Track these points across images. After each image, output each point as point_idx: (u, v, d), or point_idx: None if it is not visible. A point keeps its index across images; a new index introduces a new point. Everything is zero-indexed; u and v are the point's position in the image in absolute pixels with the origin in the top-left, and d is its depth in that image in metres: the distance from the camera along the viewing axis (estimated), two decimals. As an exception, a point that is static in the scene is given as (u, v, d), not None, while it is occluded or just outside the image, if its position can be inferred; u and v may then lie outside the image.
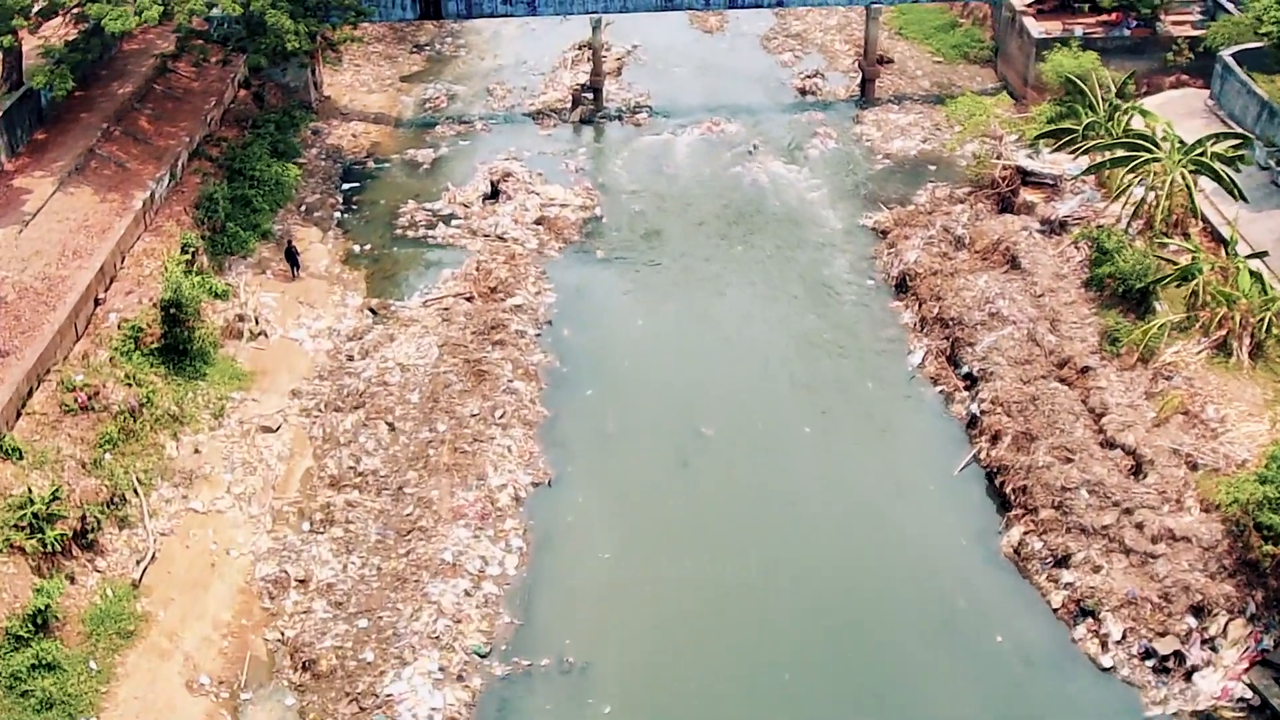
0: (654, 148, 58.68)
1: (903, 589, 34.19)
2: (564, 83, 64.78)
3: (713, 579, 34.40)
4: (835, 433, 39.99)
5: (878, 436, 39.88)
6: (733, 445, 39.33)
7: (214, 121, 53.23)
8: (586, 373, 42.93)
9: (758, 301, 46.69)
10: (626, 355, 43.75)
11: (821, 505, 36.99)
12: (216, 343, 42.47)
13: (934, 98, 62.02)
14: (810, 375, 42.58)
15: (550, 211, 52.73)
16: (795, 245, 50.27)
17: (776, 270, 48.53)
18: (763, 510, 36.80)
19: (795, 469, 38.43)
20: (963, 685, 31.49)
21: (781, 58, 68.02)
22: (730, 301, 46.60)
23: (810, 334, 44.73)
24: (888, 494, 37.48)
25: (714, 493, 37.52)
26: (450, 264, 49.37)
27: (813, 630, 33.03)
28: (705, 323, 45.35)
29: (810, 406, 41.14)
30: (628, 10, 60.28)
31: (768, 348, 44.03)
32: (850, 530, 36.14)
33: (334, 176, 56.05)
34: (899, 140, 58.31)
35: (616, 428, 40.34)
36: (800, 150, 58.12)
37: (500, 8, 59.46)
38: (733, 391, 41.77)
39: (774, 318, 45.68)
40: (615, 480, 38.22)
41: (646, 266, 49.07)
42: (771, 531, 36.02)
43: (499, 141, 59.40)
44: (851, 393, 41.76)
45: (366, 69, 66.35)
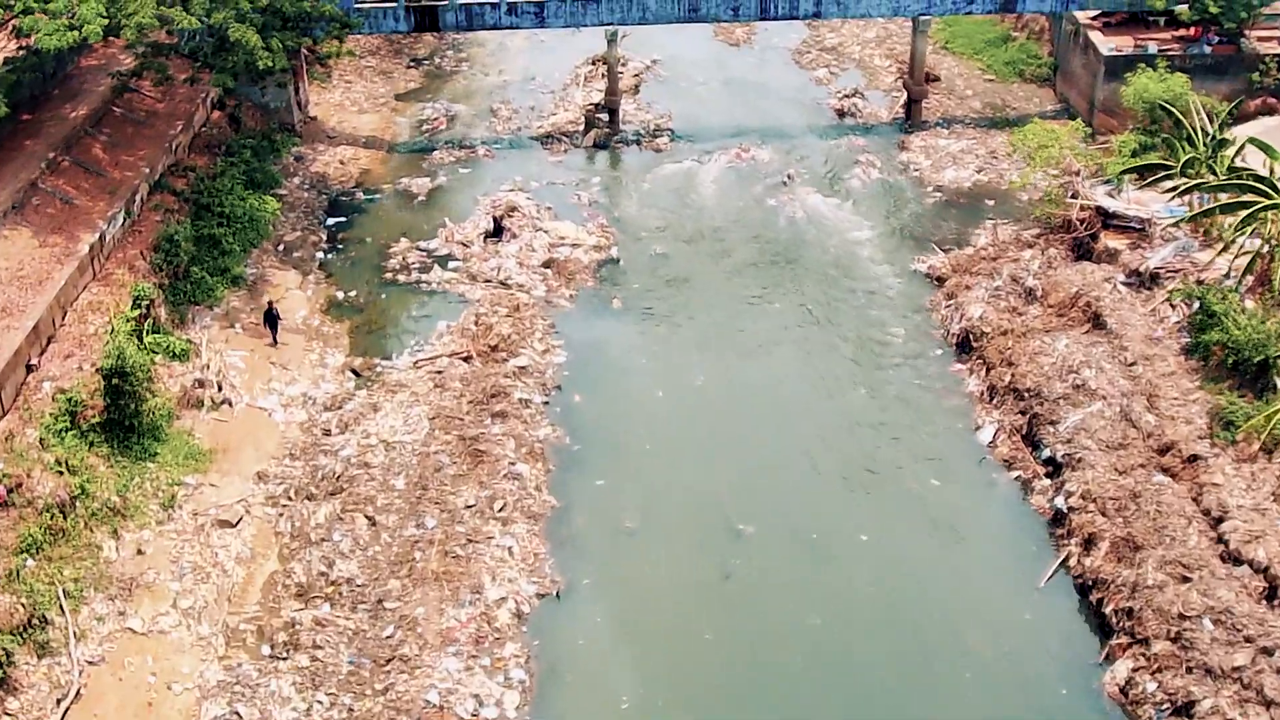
0: (677, 177, 52.49)
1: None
2: (576, 102, 58.63)
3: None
4: (896, 531, 33.75)
5: (946, 536, 33.62)
6: (775, 549, 33.10)
7: (180, 148, 47.14)
8: (601, 452, 36.77)
9: (798, 364, 40.46)
10: (647, 431, 37.54)
11: (885, 629, 30.74)
12: (172, 414, 36.39)
13: (987, 121, 55.78)
14: (863, 456, 36.35)
15: (560, 252, 46.57)
16: (839, 295, 44.03)
17: (819, 326, 42.30)
18: (815, 639, 30.55)
19: (852, 580, 32.20)
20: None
21: (815, 74, 61.78)
22: (767, 365, 40.36)
23: (861, 405, 38.50)
24: (962, 612, 31.22)
25: (756, 613, 31.24)
26: (446, 314, 43.24)
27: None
28: (738, 392, 39.11)
29: (865, 497, 34.93)
30: (647, 21, 54.09)
31: (812, 422, 37.81)
32: (921, 663, 29.88)
33: (317, 210, 49.94)
34: (951, 170, 52.07)
35: (637, 523, 34.15)
36: (840, 181, 51.90)
37: (505, 19, 53.31)
38: (773, 478, 35.58)
39: (818, 385, 39.44)
40: (637, 593, 32.03)
41: (670, 321, 42.86)
42: (827, 665, 29.81)
43: (503, 169, 53.27)
44: (912, 478, 35.53)
45: (358, 86, 60.26)
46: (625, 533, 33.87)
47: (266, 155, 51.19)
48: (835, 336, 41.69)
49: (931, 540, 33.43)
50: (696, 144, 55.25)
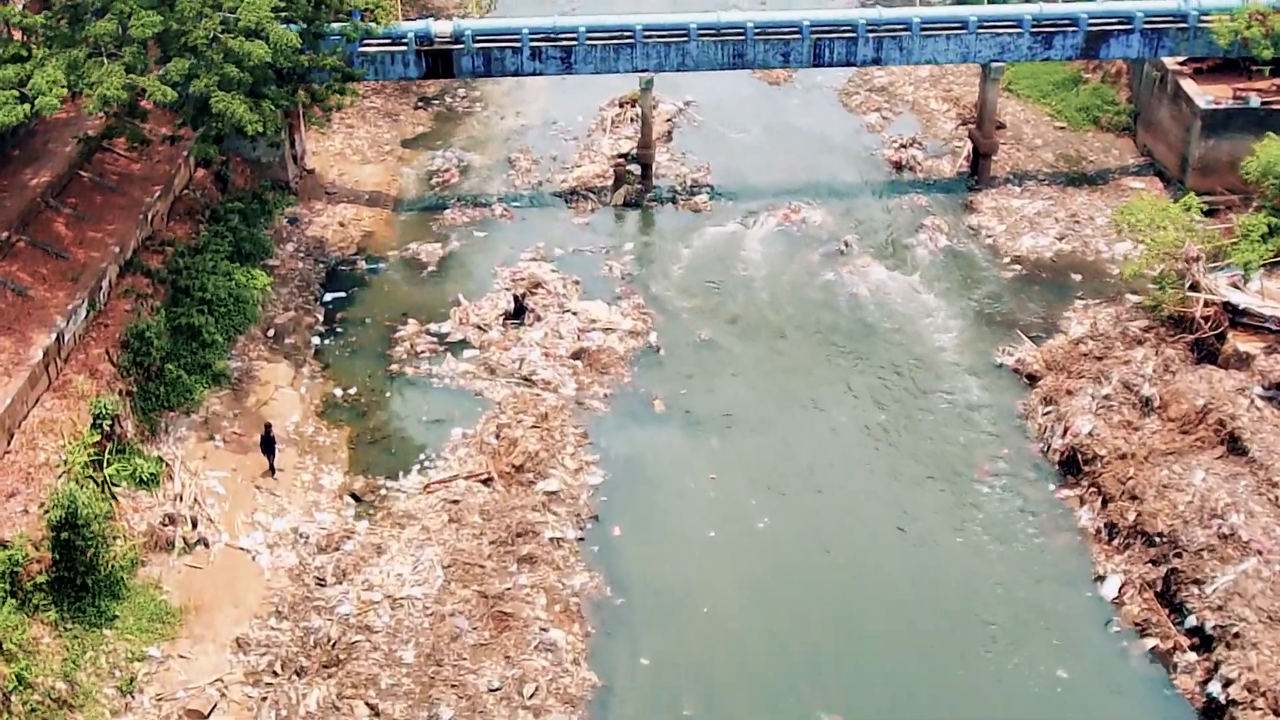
0: (719, 244, 46.50)
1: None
2: (603, 151, 52.60)
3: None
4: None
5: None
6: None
7: (158, 217, 41.15)
8: (649, 609, 30.83)
9: (873, 492, 34.46)
10: (701, 585, 31.55)
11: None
12: (136, 561, 30.50)
13: (1063, 177, 49.75)
14: (964, 619, 30.36)
15: (591, 339, 40.59)
16: (913, 396, 38.04)
17: (893, 438, 36.29)
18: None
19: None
20: None
21: (866, 119, 55.71)
22: (837, 496, 34.33)
23: (953, 549, 32.49)
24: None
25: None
26: (462, 418, 37.32)
27: None
28: (806, 537, 33.00)
29: (972, 675, 28.93)
30: (687, 68, 48.06)
31: (898, 575, 31.79)
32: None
33: (313, 283, 43.93)
34: (1029, 237, 46.05)
35: (698, 711, 28.14)
36: (904, 249, 45.91)
37: (527, 64, 47.29)
38: (858, 655, 29.56)
39: (898, 520, 33.42)
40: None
41: (721, 431, 36.88)
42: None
43: (523, 232, 47.29)
44: (1026, 644, 29.56)
45: (361, 131, 54.23)
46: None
47: (257, 219, 45.21)
48: (913, 453, 35.68)
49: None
50: (739, 202, 49.25)
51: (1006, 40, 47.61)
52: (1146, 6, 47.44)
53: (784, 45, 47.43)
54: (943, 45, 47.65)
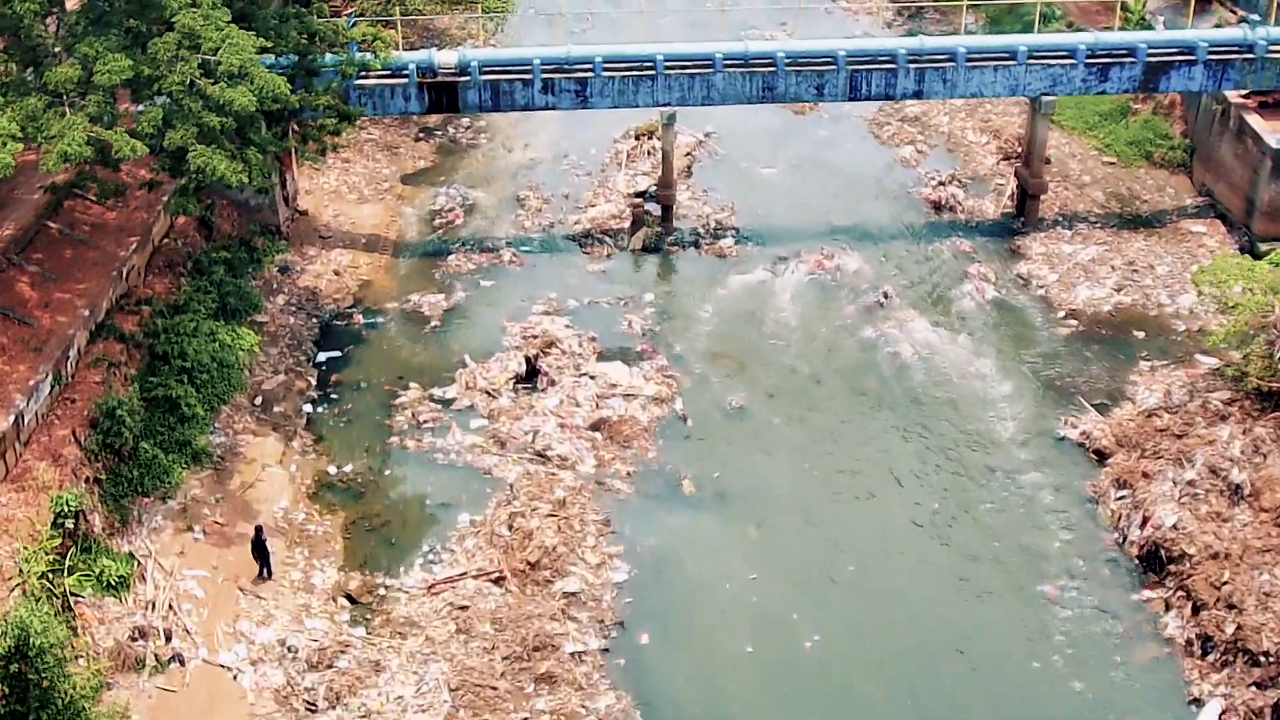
0: (747, 295, 42.78)
1: None
2: (618, 189, 48.89)
3: None
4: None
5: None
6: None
7: (134, 272, 37.45)
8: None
9: (932, 597, 30.70)
10: (742, 711, 27.76)
11: None
12: (100, 685, 26.73)
13: (1116, 219, 46.05)
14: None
15: (611, 407, 36.89)
16: (969, 476, 34.34)
17: (951, 531, 32.59)
18: None
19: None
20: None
21: (900, 152, 51.98)
22: (891, 602, 30.52)
23: (1024, 667, 28.75)
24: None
25: None
26: (470, 501, 33.66)
27: None
28: (855, 647, 29.25)
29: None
30: (712, 102, 44.34)
31: (961, 697, 28.03)
32: None
33: (306, 341, 40.19)
34: (1084, 287, 42.33)
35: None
36: (948, 301, 42.22)
37: (539, 98, 43.54)
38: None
39: (966, 633, 29.65)
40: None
41: (758, 519, 33.14)
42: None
43: (534, 281, 43.58)
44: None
45: (358, 166, 50.48)
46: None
47: (245, 269, 41.47)
48: (973, 550, 31.93)
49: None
50: (767, 247, 45.52)
51: (1058, 72, 43.91)
52: (1210, 36, 43.81)
53: (817, 77, 43.72)
54: (989, 77, 43.94)
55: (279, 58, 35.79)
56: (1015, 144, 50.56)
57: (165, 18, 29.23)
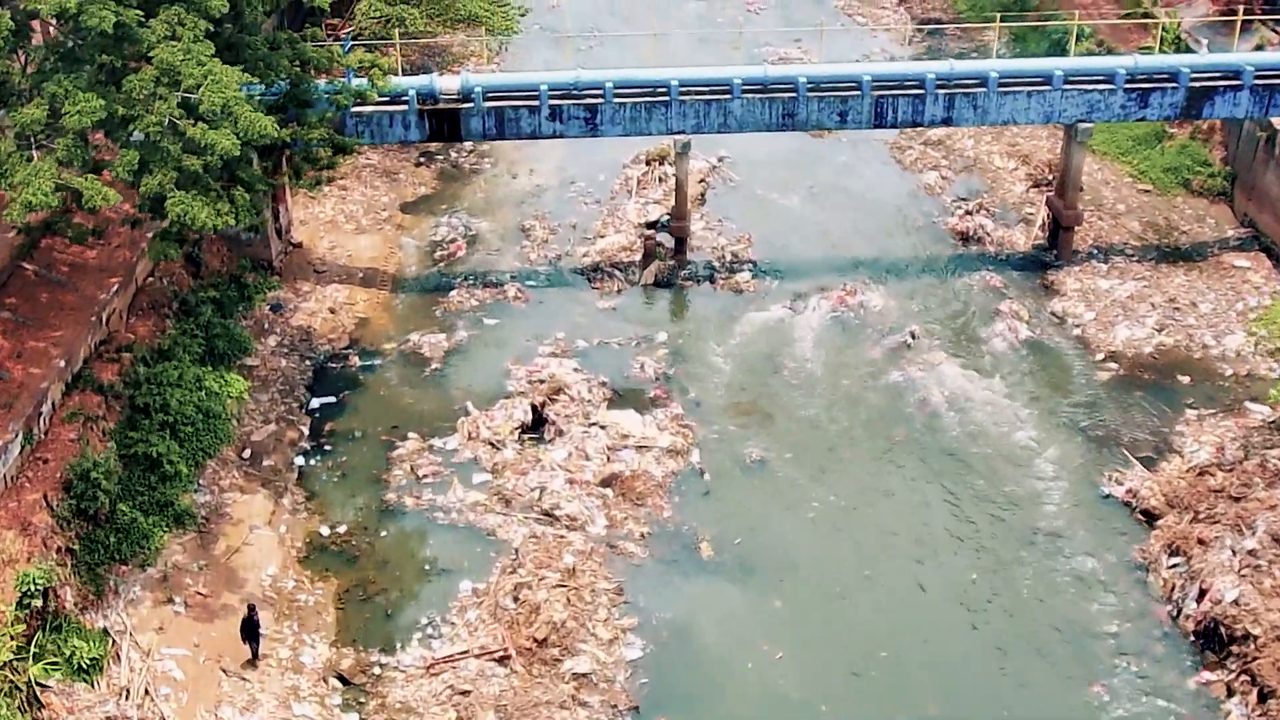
0: (766, 334, 40.42)
1: None
2: (629, 218, 46.55)
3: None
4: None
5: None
6: None
7: (116, 316, 35.14)
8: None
9: (976, 684, 28.29)
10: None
11: None
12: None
13: (1155, 251, 43.67)
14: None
15: (624, 459, 34.56)
16: (1011, 543, 31.95)
17: (991, 605, 30.20)
18: None
19: None
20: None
21: (923, 178, 49.61)
22: (930, 689, 28.09)
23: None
24: None
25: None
26: (472, 567, 31.38)
27: None
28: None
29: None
30: (729, 130, 42.05)
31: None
32: None
33: (298, 386, 37.86)
34: (1124, 327, 39.93)
35: None
36: (979, 342, 39.85)
37: (546, 125, 41.22)
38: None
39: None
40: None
41: (783, 589, 30.76)
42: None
43: (540, 318, 41.26)
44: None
45: (356, 193, 48.15)
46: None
47: (235, 308, 39.21)
48: (1016, 628, 29.53)
49: None
50: (786, 281, 43.17)
51: (1096, 98, 41.55)
52: (1257, 60, 41.48)
53: (840, 103, 41.38)
54: (1023, 103, 41.57)
55: (269, 88, 33.46)
56: (1045, 170, 48.25)
57: (142, 52, 26.89)
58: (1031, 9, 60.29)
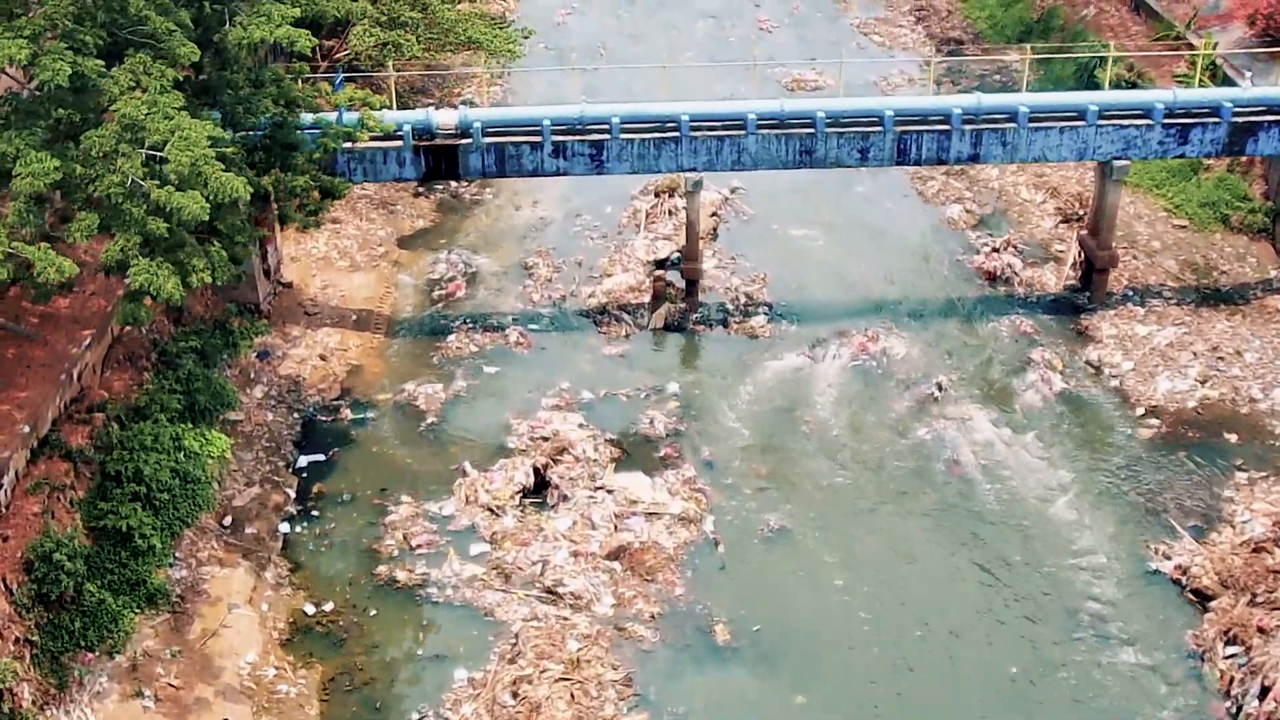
0: (783, 385, 38.03)
1: None
2: (637, 255, 44.15)
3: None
4: None
5: None
6: None
7: (89, 370, 32.76)
8: None
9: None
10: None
11: None
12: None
13: (1194, 294, 41.26)
14: None
15: (631, 528, 32.20)
16: (1050, 624, 29.56)
17: (1035, 701, 27.73)
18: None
19: None
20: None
21: (947, 211, 47.17)
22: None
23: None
24: None
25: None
26: (468, 652, 29.03)
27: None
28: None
29: None
30: (743, 167, 39.72)
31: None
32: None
33: (285, 442, 35.51)
34: (1165, 378, 37.49)
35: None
36: (1011, 394, 37.46)
37: (549, 162, 38.86)
38: None
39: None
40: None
41: (806, 675, 28.36)
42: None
43: (543, 366, 38.93)
44: None
45: (350, 227, 45.75)
46: None
47: (218, 357, 36.82)
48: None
49: None
50: (803, 325, 40.76)
51: (1133, 134, 39.14)
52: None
53: (861, 140, 39.00)
54: (1055, 140, 39.17)
55: (251, 130, 31.10)
56: (1076, 204, 45.91)
57: (103, 105, 24.50)
58: (1055, 29, 57.98)
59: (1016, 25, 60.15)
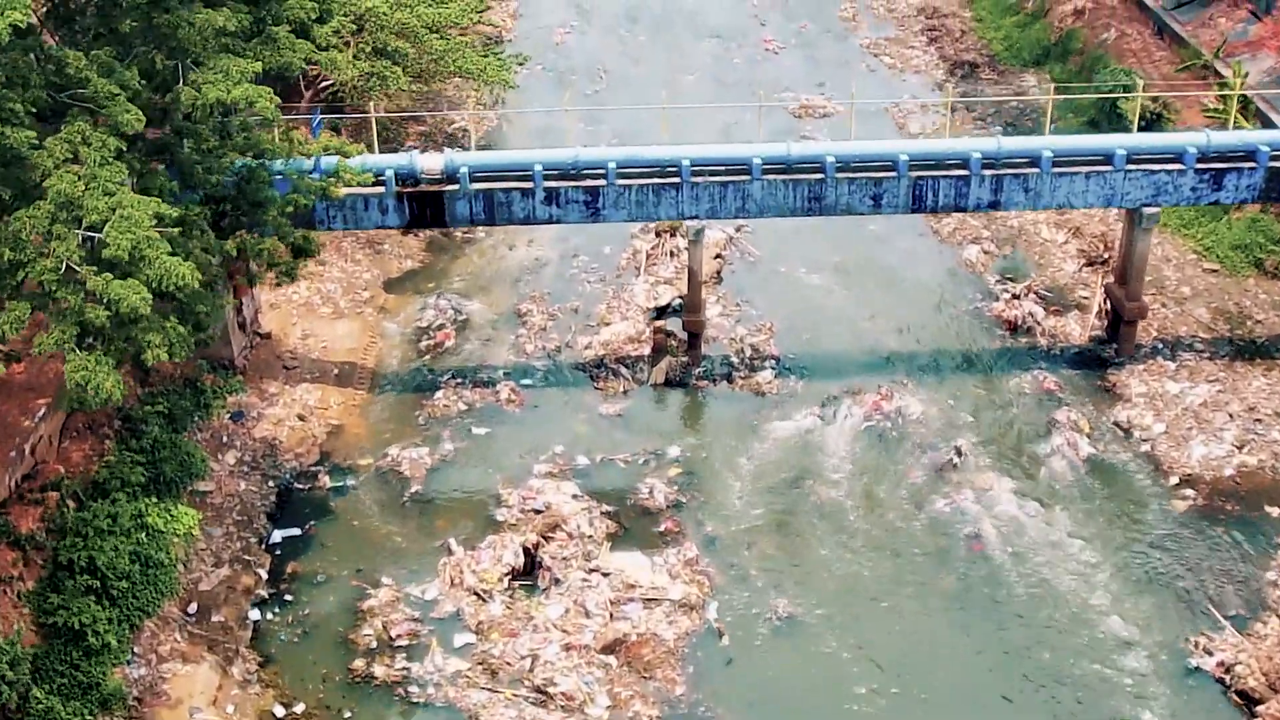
0: (792, 449, 35.65)
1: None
2: (636, 301, 41.75)
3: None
4: None
5: None
6: None
7: (44, 444, 30.37)
8: None
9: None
10: None
11: None
12: None
13: (1228, 345, 38.82)
14: None
15: (629, 616, 29.90)
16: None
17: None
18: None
19: None
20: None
21: (964, 253, 44.71)
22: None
23: None
24: None
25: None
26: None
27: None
28: None
29: None
30: (748, 215, 37.41)
31: None
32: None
33: (259, 514, 33.18)
34: (1198, 443, 35.07)
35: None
36: (1034, 460, 35.06)
37: (540, 210, 36.49)
38: None
39: None
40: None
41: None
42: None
43: (536, 427, 36.61)
44: None
45: (335, 269, 43.35)
46: None
47: (188, 421, 34.33)
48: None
49: None
50: (813, 381, 38.39)
51: (1163, 180, 36.73)
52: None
53: (874, 186, 36.58)
54: (1080, 185, 36.74)
55: (213, 187, 28.71)
56: (1100, 246, 43.46)
57: (36, 180, 22.12)
58: (1074, 51, 55.54)
59: (1034, 48, 57.71)
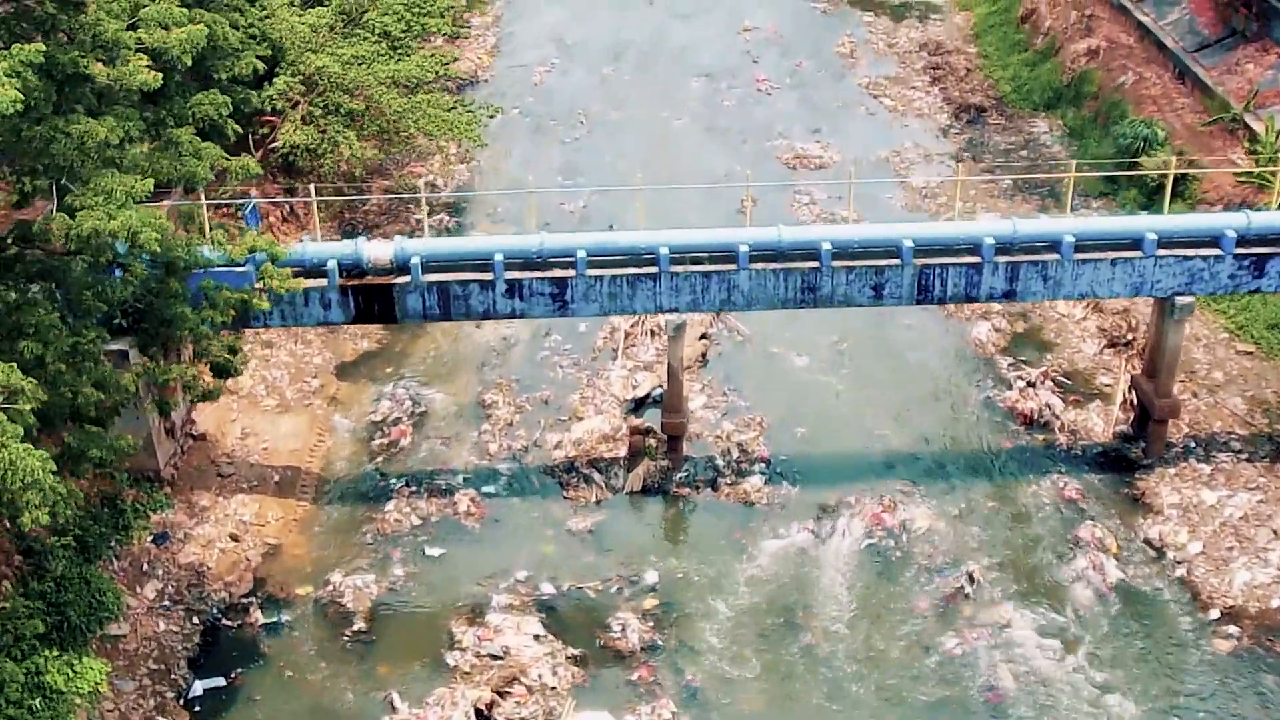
0: (784, 574, 31.79)
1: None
2: (612, 390, 37.90)
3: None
4: None
5: None
6: None
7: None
8: None
9: None
10: None
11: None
12: None
13: (1267, 444, 34.94)
14: None
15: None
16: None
17: None
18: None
19: None
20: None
21: (973, 331, 40.86)
22: None
23: None
24: None
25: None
26: None
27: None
28: None
29: None
30: (734, 307, 33.45)
31: None
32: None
33: (179, 661, 29.31)
34: (1241, 566, 31.22)
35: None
36: (1056, 587, 31.18)
37: (501, 303, 32.57)
38: None
39: None
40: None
41: None
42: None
43: (497, 545, 32.81)
44: None
45: (282, 352, 39.52)
46: None
47: (102, 548, 30.21)
48: None
49: None
50: (807, 488, 34.50)
51: (1199, 266, 32.83)
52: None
53: (875, 274, 32.74)
54: (1105, 273, 32.84)
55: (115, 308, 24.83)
56: (1123, 325, 39.61)
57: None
58: (1088, 95, 51.74)
59: (1044, 90, 54.01)
